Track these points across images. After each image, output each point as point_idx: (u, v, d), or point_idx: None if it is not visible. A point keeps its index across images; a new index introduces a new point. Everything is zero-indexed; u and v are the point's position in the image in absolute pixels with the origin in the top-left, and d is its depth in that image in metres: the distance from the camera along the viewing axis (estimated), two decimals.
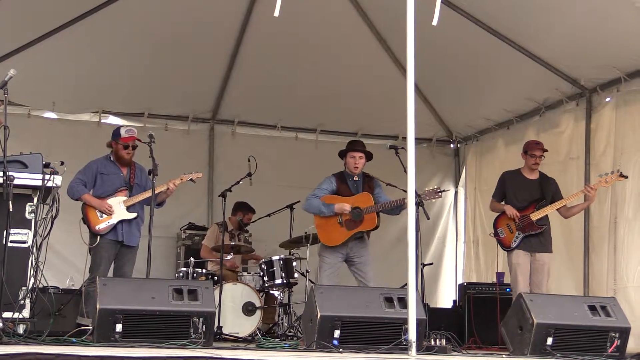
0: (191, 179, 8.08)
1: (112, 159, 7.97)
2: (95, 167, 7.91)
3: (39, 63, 9.68)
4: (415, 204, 5.88)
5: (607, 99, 9.33)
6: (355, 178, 8.05)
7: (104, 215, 7.72)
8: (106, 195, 7.80)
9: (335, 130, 11.71)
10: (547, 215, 8.30)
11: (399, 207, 7.79)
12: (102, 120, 10.92)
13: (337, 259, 7.91)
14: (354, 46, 10.21)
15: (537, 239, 8.26)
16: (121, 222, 7.75)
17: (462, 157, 12.16)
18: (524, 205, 8.33)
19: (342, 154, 8.15)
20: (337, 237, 7.88)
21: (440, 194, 7.84)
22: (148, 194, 7.62)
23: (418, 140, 8.77)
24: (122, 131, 7.96)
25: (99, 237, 7.71)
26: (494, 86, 10.38)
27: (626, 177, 8.10)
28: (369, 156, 8.10)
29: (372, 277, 7.90)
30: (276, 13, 6.03)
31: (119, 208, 7.75)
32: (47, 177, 5.90)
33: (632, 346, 6.93)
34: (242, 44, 10.23)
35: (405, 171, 5.74)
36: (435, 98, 11.21)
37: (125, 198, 7.80)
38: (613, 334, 6.41)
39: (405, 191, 5.71)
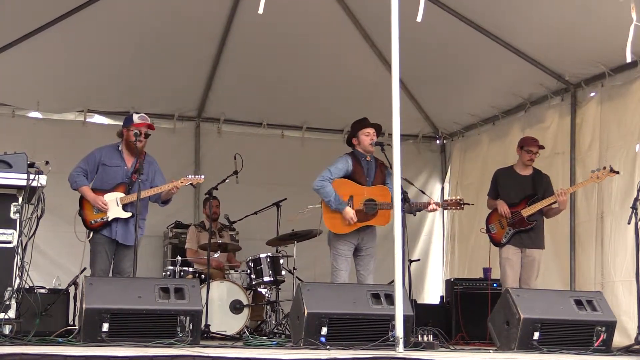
0: (191, 184, 7.83)
1: (120, 148, 7.65)
2: (99, 156, 7.56)
3: (24, 62, 9.65)
4: (402, 200, 5.87)
5: (592, 94, 9.36)
6: (368, 158, 7.79)
7: (99, 211, 7.43)
8: (105, 189, 7.47)
9: (321, 127, 11.70)
10: (539, 211, 8.26)
11: (414, 210, 7.48)
12: (87, 119, 10.89)
13: (349, 249, 7.64)
14: (339, 43, 10.19)
15: (527, 234, 8.26)
16: (116, 220, 7.44)
17: (448, 153, 12.16)
18: (515, 202, 8.31)
19: (354, 133, 7.88)
20: (344, 226, 7.58)
21: (462, 206, 7.68)
22: (149, 192, 7.44)
23: (404, 137, 8.75)
24: (135, 117, 7.63)
25: (92, 233, 7.45)
26: (479, 82, 10.40)
27: (617, 172, 7.95)
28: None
29: (372, 269, 7.71)
30: (260, 10, 6.02)
31: (114, 205, 7.41)
32: (31, 176, 5.85)
33: (618, 340, 6.96)
34: (227, 42, 10.21)
35: (391, 167, 5.74)
36: (421, 94, 11.21)
37: (122, 195, 7.46)
38: (599, 328, 6.43)
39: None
